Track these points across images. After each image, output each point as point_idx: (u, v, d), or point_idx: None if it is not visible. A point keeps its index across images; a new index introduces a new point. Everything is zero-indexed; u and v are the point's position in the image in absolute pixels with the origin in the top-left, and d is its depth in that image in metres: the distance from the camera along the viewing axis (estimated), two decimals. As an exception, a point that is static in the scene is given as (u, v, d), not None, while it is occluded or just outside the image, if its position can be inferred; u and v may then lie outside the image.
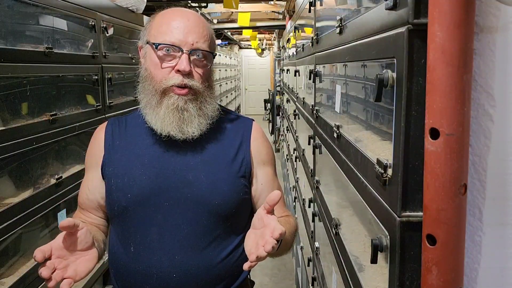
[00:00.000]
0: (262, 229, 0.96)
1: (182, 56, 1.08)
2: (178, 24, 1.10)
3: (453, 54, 0.58)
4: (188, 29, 1.09)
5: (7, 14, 1.63)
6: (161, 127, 1.10)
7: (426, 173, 0.62)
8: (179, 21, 1.10)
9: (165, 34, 1.09)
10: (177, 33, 1.09)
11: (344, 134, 1.18)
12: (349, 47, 1.09)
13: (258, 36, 10.25)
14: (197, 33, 1.10)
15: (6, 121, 1.63)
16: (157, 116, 1.11)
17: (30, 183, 1.80)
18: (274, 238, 0.89)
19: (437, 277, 0.63)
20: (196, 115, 1.11)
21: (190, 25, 1.10)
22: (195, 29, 1.10)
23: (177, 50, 1.08)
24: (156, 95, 1.10)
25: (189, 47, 1.08)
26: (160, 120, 1.10)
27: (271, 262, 3.84)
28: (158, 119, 1.10)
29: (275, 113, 7.99)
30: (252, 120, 1.29)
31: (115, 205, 1.14)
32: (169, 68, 1.09)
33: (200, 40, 1.10)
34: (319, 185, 1.78)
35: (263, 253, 0.89)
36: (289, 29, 4.15)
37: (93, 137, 1.24)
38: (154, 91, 1.11)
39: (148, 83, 1.13)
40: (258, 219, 0.99)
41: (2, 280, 1.60)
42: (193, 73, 1.10)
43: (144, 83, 1.15)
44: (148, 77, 1.13)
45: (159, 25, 1.12)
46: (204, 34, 1.12)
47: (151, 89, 1.11)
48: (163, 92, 1.10)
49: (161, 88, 1.09)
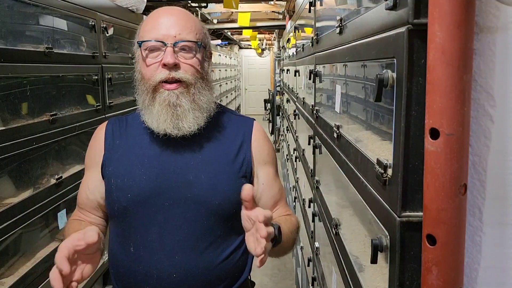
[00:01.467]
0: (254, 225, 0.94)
1: (166, 49, 1.08)
2: (161, 20, 1.11)
3: (453, 54, 0.58)
4: (170, 23, 1.10)
5: (7, 14, 1.63)
6: (157, 125, 1.11)
7: (426, 173, 0.62)
8: (163, 17, 1.12)
9: (149, 32, 1.11)
10: (160, 28, 1.10)
11: (344, 134, 1.18)
12: (349, 47, 1.09)
13: (258, 36, 10.25)
14: (179, 26, 1.10)
15: (6, 121, 1.63)
16: (151, 115, 1.11)
17: (30, 183, 1.80)
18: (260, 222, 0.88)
19: (437, 277, 0.63)
20: (190, 109, 1.11)
21: (173, 19, 1.11)
22: (177, 22, 1.11)
23: (161, 45, 1.09)
24: (148, 94, 1.11)
25: (172, 40, 1.09)
26: (155, 118, 1.10)
27: (271, 262, 3.83)
28: (153, 117, 1.11)
29: (275, 113, 7.99)
30: (253, 119, 1.28)
31: (115, 205, 1.14)
32: (156, 64, 1.10)
33: (183, 32, 1.10)
34: (319, 185, 1.78)
35: (263, 241, 0.89)
36: (289, 29, 4.15)
37: (94, 136, 1.24)
38: (146, 90, 1.12)
39: (141, 83, 1.14)
40: (245, 221, 0.97)
41: (2, 280, 1.60)
42: (180, 65, 1.10)
43: (139, 84, 1.16)
44: (140, 78, 1.14)
45: (145, 24, 1.14)
46: (188, 25, 1.12)
47: (144, 88, 1.12)
48: (154, 90, 1.10)
49: (151, 86, 1.10)
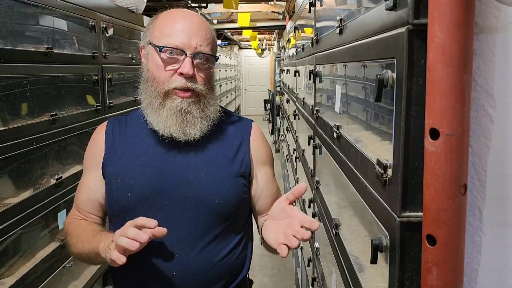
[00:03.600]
0: (288, 219, 0.97)
1: (186, 59, 1.08)
2: (181, 27, 1.09)
3: (453, 54, 0.58)
4: (192, 32, 1.09)
5: (7, 14, 1.63)
6: (164, 129, 1.11)
7: (426, 173, 0.62)
8: (182, 23, 1.10)
9: (168, 36, 1.09)
10: (181, 36, 1.08)
11: (344, 134, 1.18)
12: (349, 48, 1.09)
13: (258, 36, 10.26)
14: (200, 36, 1.10)
15: (6, 121, 1.63)
16: (159, 118, 1.11)
17: (30, 183, 1.80)
18: (314, 229, 0.91)
19: (437, 277, 0.63)
20: (199, 118, 1.12)
21: (193, 28, 1.10)
22: (198, 32, 1.10)
23: (181, 53, 1.08)
24: (158, 97, 1.10)
25: (192, 50, 1.08)
26: (163, 122, 1.10)
27: (271, 262, 3.84)
28: (161, 121, 1.11)
29: (275, 114, 7.99)
30: (252, 121, 1.29)
31: (115, 204, 1.14)
32: (172, 71, 1.09)
33: (203, 44, 1.10)
34: (319, 185, 1.78)
35: (296, 243, 0.91)
36: (289, 29, 4.15)
37: (93, 136, 1.24)
38: (156, 93, 1.11)
39: (149, 85, 1.13)
40: (279, 210, 1.00)
41: (2, 280, 1.60)
42: (196, 76, 1.10)
43: (146, 84, 1.14)
44: (150, 78, 1.13)
45: (163, 26, 1.11)
46: (207, 37, 1.12)
47: (153, 90, 1.11)
48: (166, 94, 1.10)
49: (163, 90, 1.09)
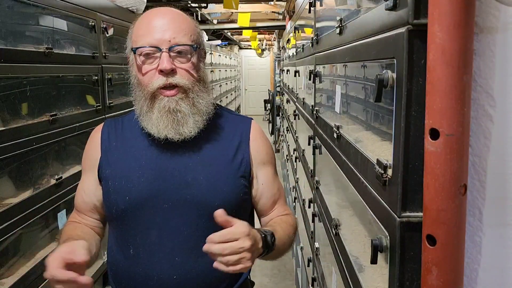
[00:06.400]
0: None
1: (162, 55, 1.06)
2: (154, 24, 1.08)
3: (453, 55, 0.58)
4: (165, 27, 1.07)
5: (7, 14, 1.62)
6: (157, 131, 1.09)
7: (426, 173, 0.62)
8: (155, 21, 1.08)
9: (143, 37, 1.07)
10: (154, 33, 1.06)
11: (344, 134, 1.18)
12: (349, 48, 1.09)
13: (258, 36, 10.26)
14: (173, 29, 1.07)
15: (6, 122, 1.63)
16: (150, 121, 1.09)
17: (30, 184, 1.80)
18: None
19: (437, 277, 0.63)
20: (191, 114, 1.09)
21: (166, 22, 1.08)
22: (171, 25, 1.07)
23: (156, 50, 1.06)
24: (146, 100, 1.09)
25: (167, 44, 1.06)
26: (155, 125, 1.09)
27: (271, 263, 3.83)
28: (153, 124, 1.09)
29: (275, 114, 7.99)
30: (251, 119, 1.26)
31: (113, 207, 1.13)
32: (153, 71, 1.07)
33: (178, 35, 1.07)
34: (319, 185, 1.78)
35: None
36: (289, 29, 4.15)
37: (89, 139, 1.23)
38: (144, 97, 1.10)
39: (138, 90, 1.12)
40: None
41: (2, 281, 1.60)
42: (177, 70, 1.08)
43: (136, 90, 1.14)
44: (136, 84, 1.13)
45: (138, 29, 1.10)
46: (183, 27, 1.09)
47: (141, 95, 1.11)
48: (153, 96, 1.08)
49: (149, 93, 1.08)
